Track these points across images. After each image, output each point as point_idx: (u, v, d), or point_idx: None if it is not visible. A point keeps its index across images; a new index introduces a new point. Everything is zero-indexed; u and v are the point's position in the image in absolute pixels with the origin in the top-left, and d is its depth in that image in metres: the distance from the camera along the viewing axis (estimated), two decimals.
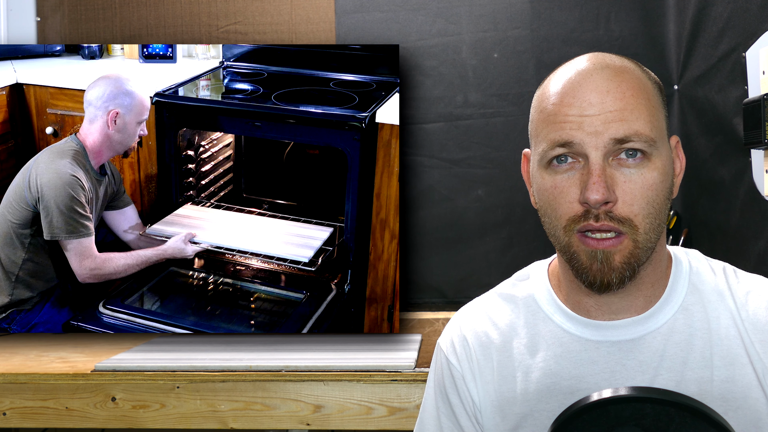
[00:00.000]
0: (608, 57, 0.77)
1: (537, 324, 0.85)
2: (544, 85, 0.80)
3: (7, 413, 1.46)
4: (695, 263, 0.83)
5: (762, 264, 1.39)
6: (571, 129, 0.73)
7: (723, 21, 1.54)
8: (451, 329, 0.92)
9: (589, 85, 0.74)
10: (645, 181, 0.73)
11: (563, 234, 0.75)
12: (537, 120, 0.79)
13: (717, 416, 0.64)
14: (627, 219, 0.72)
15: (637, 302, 0.79)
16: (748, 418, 0.75)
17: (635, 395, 0.66)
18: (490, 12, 1.98)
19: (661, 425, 0.65)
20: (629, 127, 0.72)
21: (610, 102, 0.73)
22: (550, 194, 0.76)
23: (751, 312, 0.78)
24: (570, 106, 0.74)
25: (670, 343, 0.78)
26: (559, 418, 0.69)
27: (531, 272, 0.90)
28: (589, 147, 0.72)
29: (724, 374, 0.76)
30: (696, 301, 0.80)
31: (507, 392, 0.83)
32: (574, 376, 0.80)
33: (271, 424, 1.41)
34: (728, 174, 1.53)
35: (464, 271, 2.01)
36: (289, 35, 2.07)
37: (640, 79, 0.76)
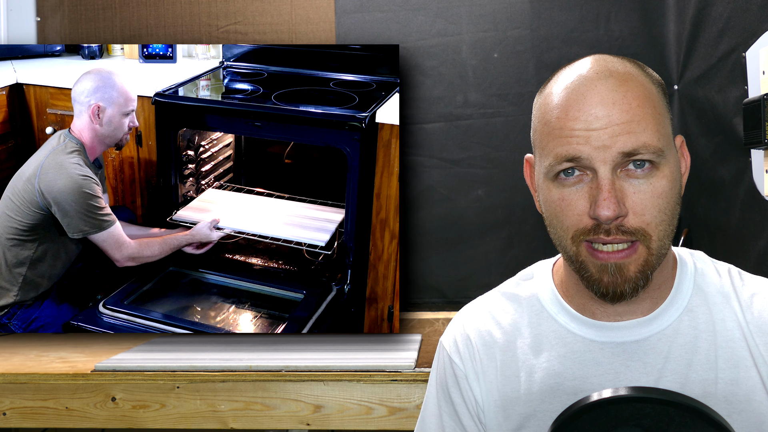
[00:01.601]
0: (611, 62, 0.75)
1: (541, 324, 0.84)
2: (546, 92, 0.78)
3: (7, 413, 1.46)
4: (700, 265, 0.83)
5: (762, 264, 1.39)
6: (578, 144, 0.72)
7: (723, 21, 1.54)
8: (454, 328, 0.91)
9: (594, 97, 0.72)
10: (654, 190, 0.72)
11: (570, 244, 0.75)
12: (541, 132, 0.77)
13: (717, 416, 0.64)
14: (639, 229, 0.72)
15: (643, 304, 0.79)
16: (753, 421, 0.75)
17: (635, 395, 0.66)
18: (490, 12, 1.98)
19: (661, 425, 0.65)
20: (637, 139, 0.71)
21: (616, 114, 0.71)
22: (557, 206, 0.75)
23: (756, 314, 0.78)
24: (576, 120, 0.72)
25: (675, 344, 0.78)
26: (559, 418, 0.69)
27: (535, 272, 0.90)
28: (597, 161, 0.71)
29: (728, 376, 0.76)
30: (701, 302, 0.80)
31: (510, 392, 0.83)
32: (577, 376, 0.80)
33: (271, 424, 1.41)
34: (728, 174, 1.53)
35: (464, 271, 2.01)
36: (289, 35, 2.07)
37: (644, 86, 0.74)
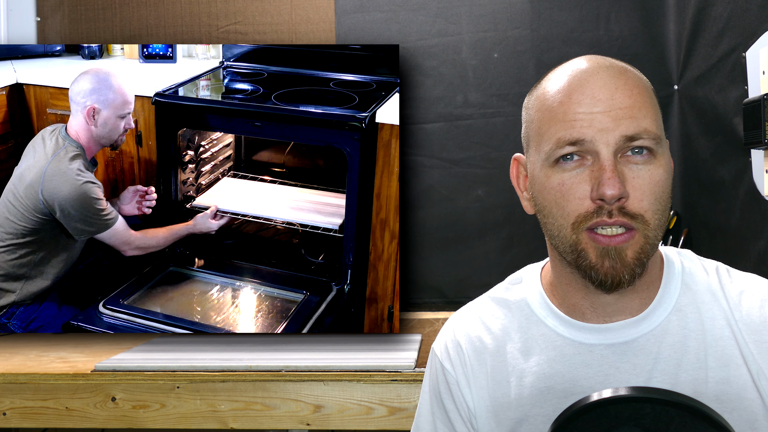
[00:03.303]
0: (607, 58, 0.77)
1: (530, 328, 0.84)
2: (542, 87, 0.79)
3: (7, 413, 1.46)
4: (688, 264, 0.83)
5: (762, 264, 1.39)
6: (581, 127, 0.72)
7: (723, 21, 1.54)
8: (444, 334, 0.91)
9: (597, 81, 0.74)
10: (653, 177, 0.72)
11: (570, 232, 0.74)
12: (540, 120, 0.78)
13: (717, 416, 0.64)
14: (638, 214, 0.72)
15: (632, 304, 0.79)
16: (744, 419, 0.74)
17: (635, 395, 0.66)
18: (490, 12, 1.98)
19: (661, 425, 0.65)
20: (638, 124, 0.72)
21: (619, 98, 0.72)
22: (557, 192, 0.75)
23: (745, 312, 0.78)
24: (579, 103, 0.73)
25: (664, 345, 0.77)
26: (559, 419, 0.69)
27: (524, 275, 0.90)
28: (600, 144, 0.72)
29: (718, 375, 0.76)
30: (689, 301, 0.79)
31: (501, 397, 0.83)
32: (568, 379, 0.79)
33: (271, 424, 1.41)
34: (728, 174, 1.53)
35: (464, 271, 2.01)
36: (289, 35, 2.07)
37: (641, 78, 0.76)
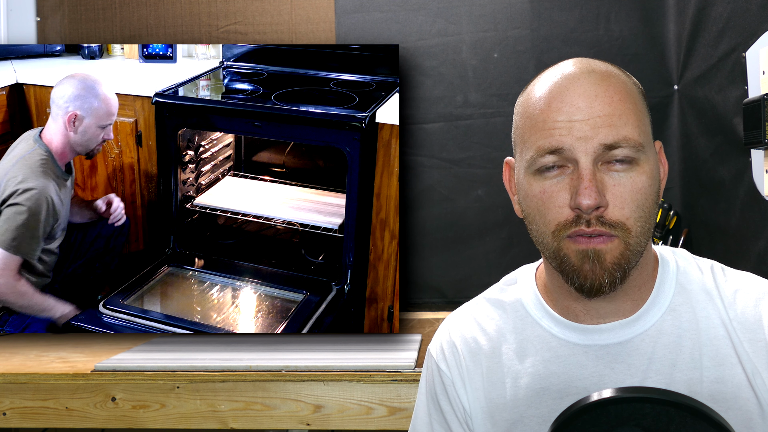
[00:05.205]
0: (593, 62, 0.77)
1: (525, 329, 0.84)
2: (528, 91, 0.79)
3: (7, 413, 1.46)
4: (682, 263, 0.82)
5: (762, 264, 1.39)
6: (560, 135, 0.72)
7: (723, 21, 1.54)
8: (440, 335, 0.91)
9: (576, 89, 0.74)
10: (634, 184, 0.72)
11: (552, 240, 0.74)
12: (523, 126, 0.78)
13: (717, 416, 0.64)
14: (619, 223, 0.72)
15: (624, 306, 0.79)
16: (739, 419, 0.74)
17: (635, 395, 0.66)
18: (490, 12, 1.98)
19: (661, 425, 0.65)
20: (618, 132, 0.72)
21: (598, 107, 0.72)
22: (538, 200, 0.75)
23: (740, 311, 0.77)
24: (558, 111, 0.73)
25: (659, 345, 0.77)
26: (559, 419, 0.69)
27: (519, 276, 0.90)
28: (579, 152, 0.72)
29: (713, 375, 0.75)
30: (684, 301, 0.79)
31: (497, 398, 0.83)
32: (563, 380, 0.80)
33: (271, 424, 1.41)
34: (728, 174, 1.53)
35: (464, 271, 2.01)
36: (289, 35, 2.07)
37: (625, 84, 0.75)
